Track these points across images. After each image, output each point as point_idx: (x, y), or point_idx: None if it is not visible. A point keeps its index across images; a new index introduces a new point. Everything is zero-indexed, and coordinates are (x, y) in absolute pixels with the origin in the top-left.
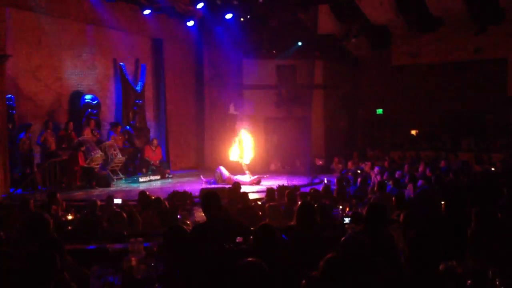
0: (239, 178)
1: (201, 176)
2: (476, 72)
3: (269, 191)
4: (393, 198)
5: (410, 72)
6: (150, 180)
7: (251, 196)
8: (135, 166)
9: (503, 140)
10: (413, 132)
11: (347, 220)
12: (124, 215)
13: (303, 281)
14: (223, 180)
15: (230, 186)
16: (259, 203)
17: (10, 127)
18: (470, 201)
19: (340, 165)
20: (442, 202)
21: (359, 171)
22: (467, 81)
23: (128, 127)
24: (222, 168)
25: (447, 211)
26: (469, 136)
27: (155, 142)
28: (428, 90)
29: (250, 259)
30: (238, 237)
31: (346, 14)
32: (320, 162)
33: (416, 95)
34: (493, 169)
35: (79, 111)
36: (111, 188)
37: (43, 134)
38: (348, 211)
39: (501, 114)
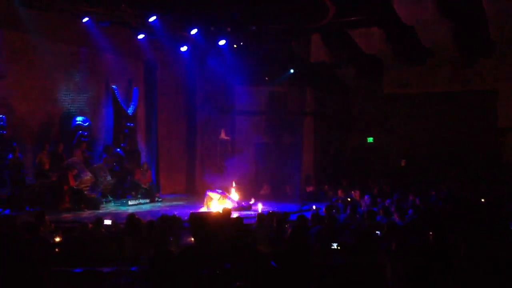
0: (229, 203)
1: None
2: (466, 103)
3: (260, 216)
4: (385, 227)
5: (401, 101)
6: (139, 204)
7: None
8: (124, 189)
9: (493, 171)
10: (403, 161)
11: (334, 245)
12: (113, 238)
13: None
14: (213, 205)
15: (220, 211)
16: (249, 228)
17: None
18: (458, 230)
19: (330, 192)
20: (430, 232)
21: (349, 199)
22: (457, 112)
23: (118, 149)
24: (211, 193)
25: (435, 240)
26: (458, 166)
27: (145, 166)
28: (418, 119)
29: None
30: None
31: (338, 43)
32: (310, 189)
33: (407, 125)
34: (482, 200)
35: (70, 132)
36: (100, 211)
37: (38, 155)
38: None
39: (491, 145)
